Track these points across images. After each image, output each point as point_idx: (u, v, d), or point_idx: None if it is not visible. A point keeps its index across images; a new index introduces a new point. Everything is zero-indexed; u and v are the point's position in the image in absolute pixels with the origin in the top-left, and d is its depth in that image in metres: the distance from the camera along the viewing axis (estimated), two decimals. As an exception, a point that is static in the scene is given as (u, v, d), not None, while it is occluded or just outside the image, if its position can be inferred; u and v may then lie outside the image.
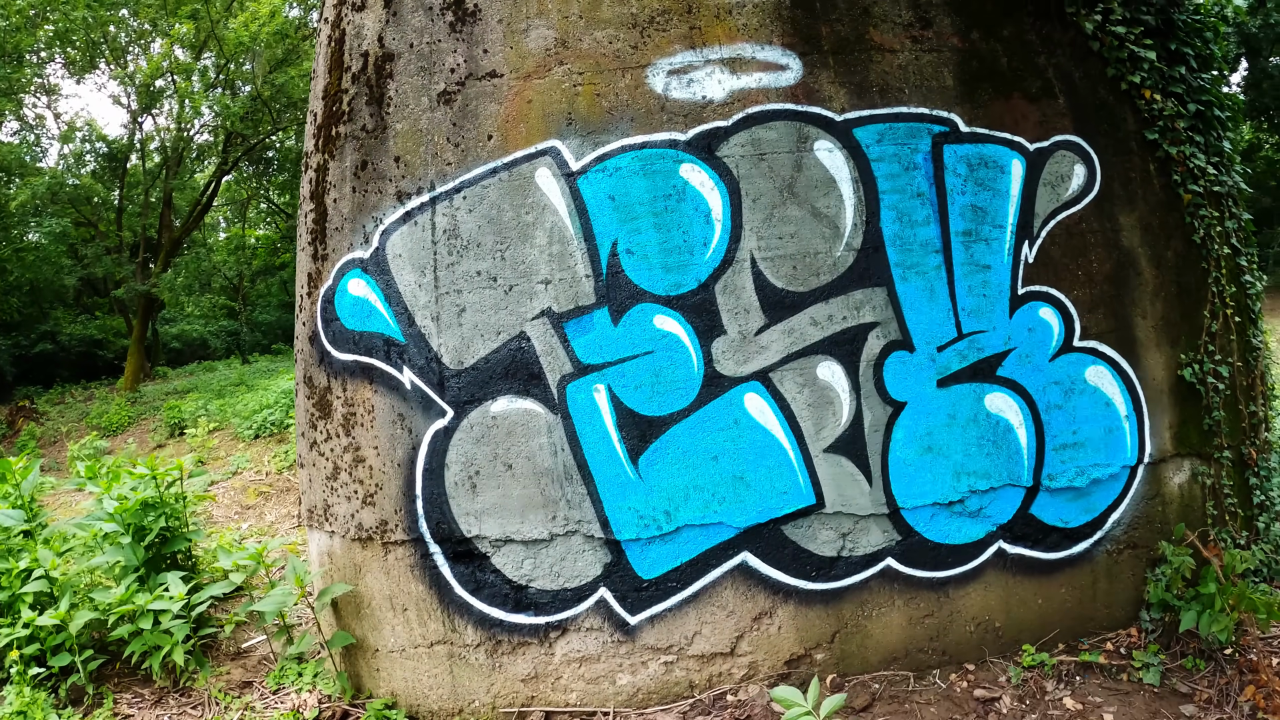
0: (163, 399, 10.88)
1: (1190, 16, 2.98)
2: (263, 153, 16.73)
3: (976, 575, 2.69)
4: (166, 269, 15.56)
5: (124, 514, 3.07)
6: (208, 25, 12.39)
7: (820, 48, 2.71)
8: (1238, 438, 2.93)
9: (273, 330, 21.52)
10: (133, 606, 2.80)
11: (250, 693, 2.89)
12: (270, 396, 7.25)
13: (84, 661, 2.83)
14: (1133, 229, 2.83)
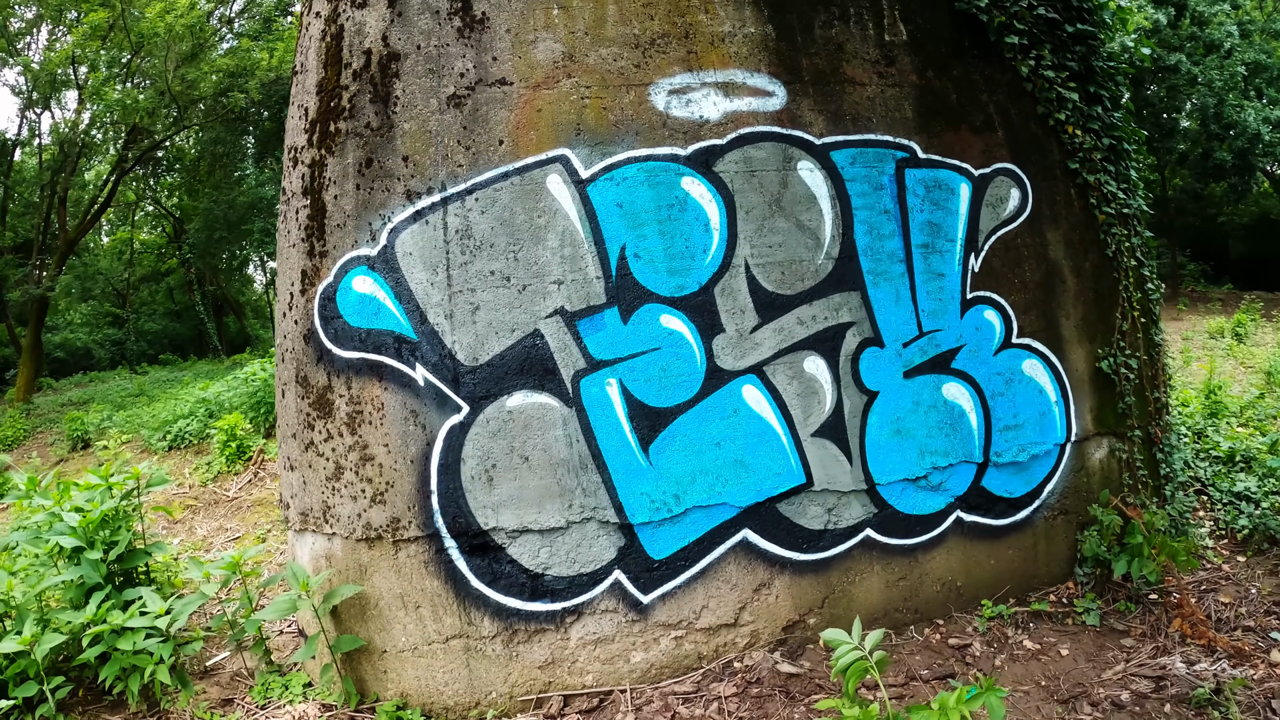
0: (59, 411, 10.11)
1: (1106, 63, 3.81)
2: (153, 152, 15.80)
3: (940, 541, 3.27)
4: (61, 271, 14.35)
5: (87, 527, 3.00)
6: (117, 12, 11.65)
7: (802, 78, 3.24)
8: (1145, 419, 3.73)
9: (159, 340, 20.46)
10: (108, 626, 2.76)
11: (234, 710, 2.91)
12: (184, 406, 6.94)
13: (54, 690, 2.74)
14: (1058, 244, 3.57)
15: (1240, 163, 15.51)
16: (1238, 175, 16.21)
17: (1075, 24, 3.74)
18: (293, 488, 3.06)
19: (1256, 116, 14.71)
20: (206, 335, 18.73)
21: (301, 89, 3.19)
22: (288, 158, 3.21)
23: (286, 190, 3.19)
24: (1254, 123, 14.60)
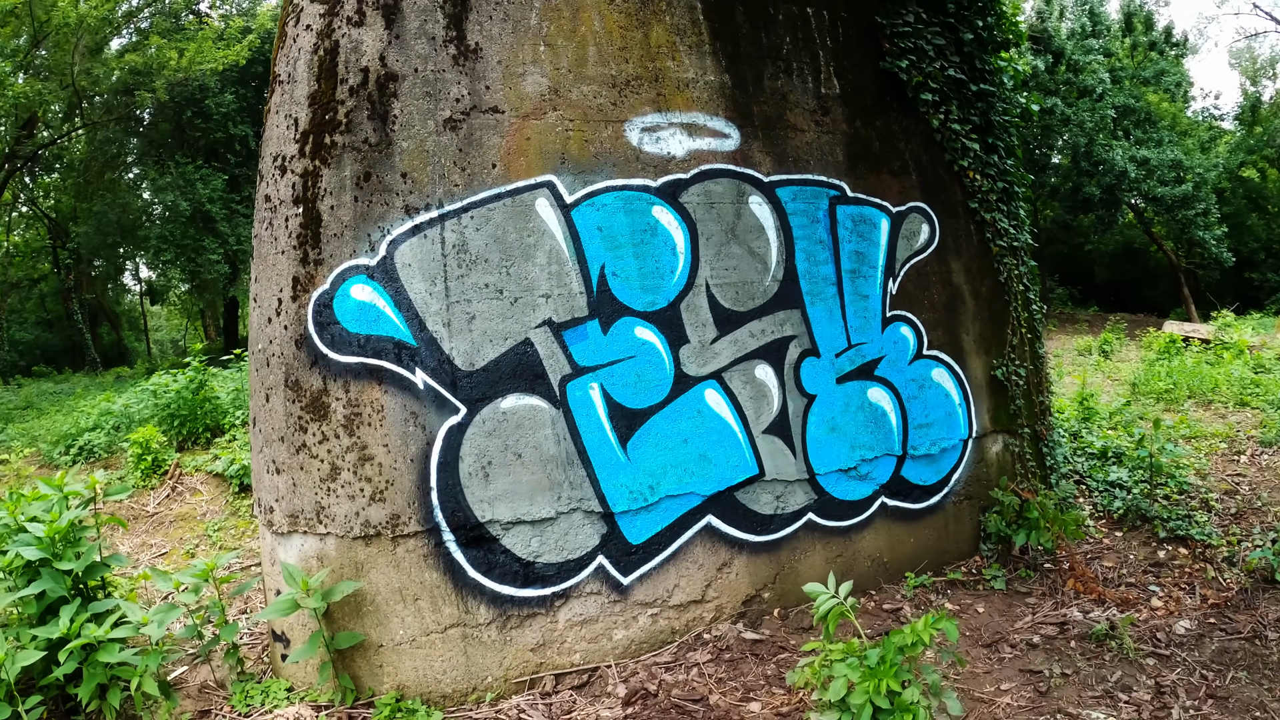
0: (-68, 425, 9.03)
1: (1002, 117, 4.91)
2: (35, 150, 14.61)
3: (868, 523, 4.09)
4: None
5: (54, 538, 3.09)
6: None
7: (753, 123, 4.01)
8: (1033, 419, 4.80)
9: (31, 350, 19.11)
10: (86, 639, 2.89)
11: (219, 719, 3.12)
12: (86, 419, 6.65)
13: (29, 710, 2.82)
14: (960, 271, 4.57)
15: (1108, 197, 18.63)
16: (1105, 208, 19.40)
17: (979, 84, 4.83)
18: (279, 491, 3.34)
19: (1124, 155, 17.81)
20: (84, 346, 17.15)
21: (289, 99, 3.51)
22: (272, 165, 3.51)
23: (271, 198, 3.48)
24: (1121, 160, 17.66)
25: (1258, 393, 8.14)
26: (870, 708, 2.28)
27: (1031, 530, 4.08)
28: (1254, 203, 22.87)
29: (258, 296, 3.53)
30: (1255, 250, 21.93)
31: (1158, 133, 18.73)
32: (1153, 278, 23.78)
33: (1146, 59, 19.97)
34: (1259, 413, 7.51)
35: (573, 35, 3.67)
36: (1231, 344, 11.20)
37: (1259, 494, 5.29)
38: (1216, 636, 3.37)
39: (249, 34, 14.88)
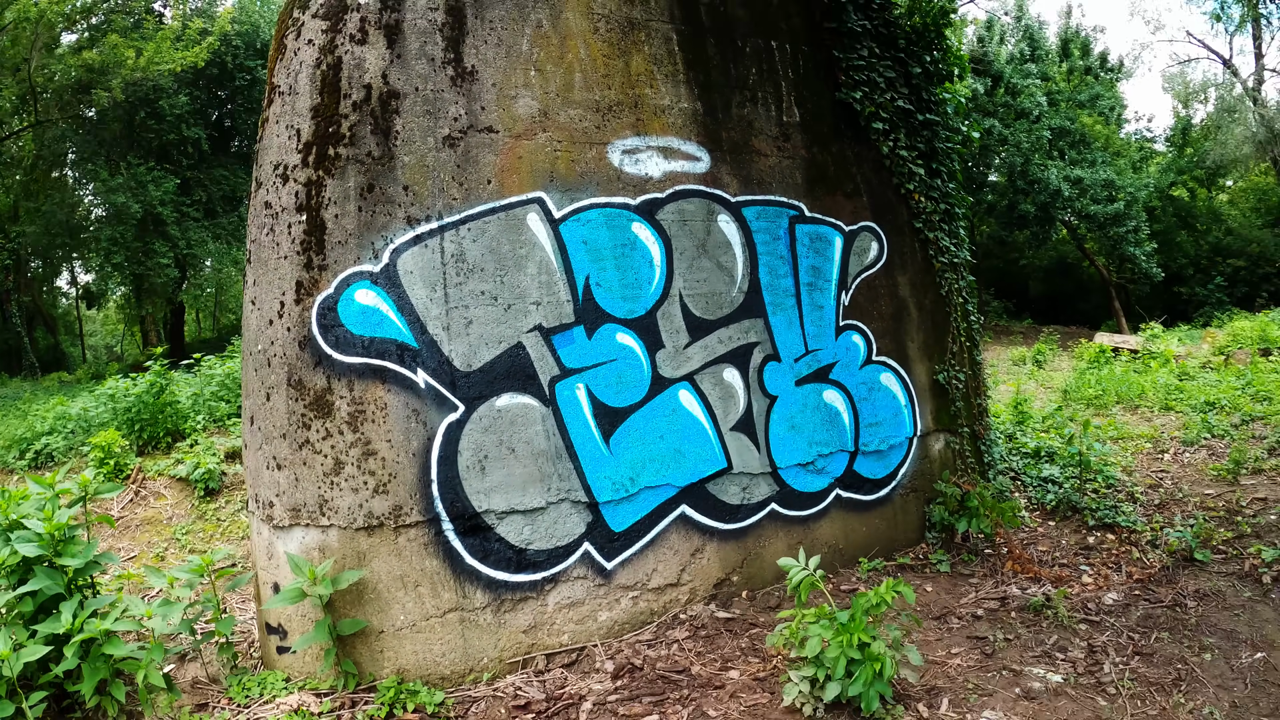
0: None
1: (946, 144, 5.65)
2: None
3: (825, 513, 4.69)
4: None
5: (54, 535, 3.32)
6: None
7: (721, 148, 4.59)
8: (971, 420, 5.52)
9: None
10: (91, 634, 3.13)
11: (217, 713, 3.39)
12: (42, 423, 6.65)
13: (32, 706, 3.02)
14: (906, 285, 5.26)
15: (1042, 214, 20.31)
16: (1039, 225, 21.11)
17: (925, 113, 5.56)
18: (279, 486, 3.66)
19: (1058, 175, 19.48)
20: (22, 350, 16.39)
21: (290, 110, 3.86)
22: (273, 173, 3.85)
23: (272, 204, 3.82)
24: (1055, 180, 19.31)
25: (1181, 398, 9.27)
26: (844, 660, 2.83)
27: (972, 518, 4.76)
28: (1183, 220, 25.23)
29: (256, 299, 3.85)
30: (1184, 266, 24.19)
31: (1091, 153, 20.56)
32: (1085, 291, 25.89)
33: (1083, 83, 21.89)
34: (1182, 416, 8.58)
35: (560, 61, 4.17)
36: (1158, 354, 12.55)
37: (1180, 487, 6.18)
38: (1141, 605, 4.06)
39: (207, 36, 14.94)
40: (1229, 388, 9.29)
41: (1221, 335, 13.93)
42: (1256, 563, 4.45)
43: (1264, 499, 5.64)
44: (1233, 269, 22.84)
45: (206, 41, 14.52)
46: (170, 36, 13.97)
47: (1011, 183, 20.12)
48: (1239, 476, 6.20)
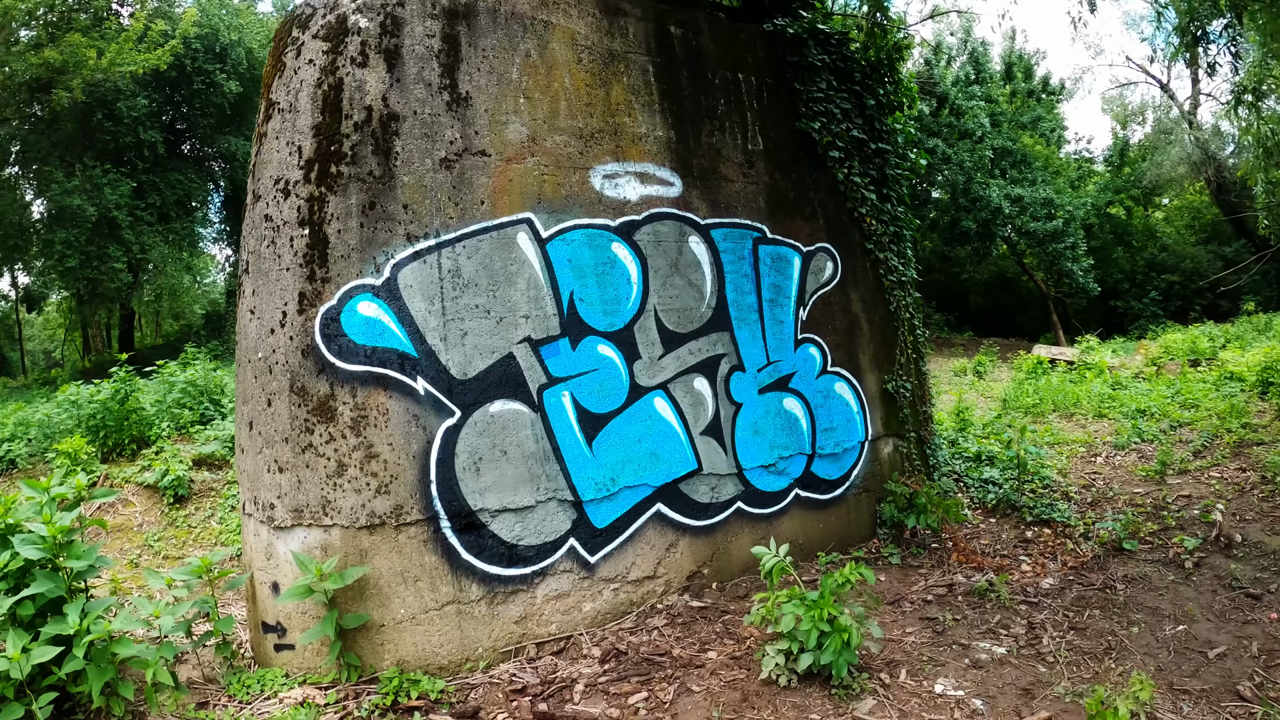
0: None
1: (895, 170, 6.40)
2: None
3: (786, 511, 5.31)
4: None
5: (57, 538, 3.57)
6: None
7: (692, 173, 5.19)
8: (918, 425, 6.25)
9: None
10: (99, 634, 3.40)
11: (218, 710, 3.70)
12: (4, 429, 6.64)
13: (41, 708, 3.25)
14: (858, 301, 5.97)
15: (983, 230, 21.88)
16: (980, 241, 22.71)
17: (877, 142, 6.31)
18: (281, 488, 4.02)
19: (999, 193, 21.05)
20: None
21: (291, 126, 4.25)
22: (273, 187, 4.22)
23: (273, 218, 4.19)
24: (997, 198, 20.87)
25: (1114, 406, 10.35)
26: (815, 632, 3.41)
27: (921, 514, 5.47)
28: (1119, 237, 27.44)
29: (255, 308, 4.21)
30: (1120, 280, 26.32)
31: (1032, 173, 22.30)
32: (1024, 305, 27.86)
33: (1025, 105, 23.73)
34: (1114, 422, 9.63)
35: (547, 90, 4.69)
36: (1093, 365, 13.82)
37: (1111, 486, 7.07)
38: (1075, 589, 4.78)
39: (170, 39, 15.04)
40: (1159, 396, 10.42)
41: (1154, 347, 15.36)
42: (1179, 551, 5.24)
43: (1188, 496, 6.55)
44: (1167, 284, 24.98)
45: (169, 44, 14.58)
46: (133, 38, 14.01)
47: (954, 200, 21.65)
48: (1165, 476, 7.14)
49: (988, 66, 22.89)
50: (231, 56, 17.35)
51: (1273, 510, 5.83)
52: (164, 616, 3.70)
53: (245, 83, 17.60)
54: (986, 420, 9.29)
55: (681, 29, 5.38)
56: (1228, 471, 7.00)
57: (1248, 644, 3.88)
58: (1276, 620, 4.14)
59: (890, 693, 3.50)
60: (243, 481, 4.30)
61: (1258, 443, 7.53)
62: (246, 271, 4.33)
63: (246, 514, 4.29)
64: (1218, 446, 7.79)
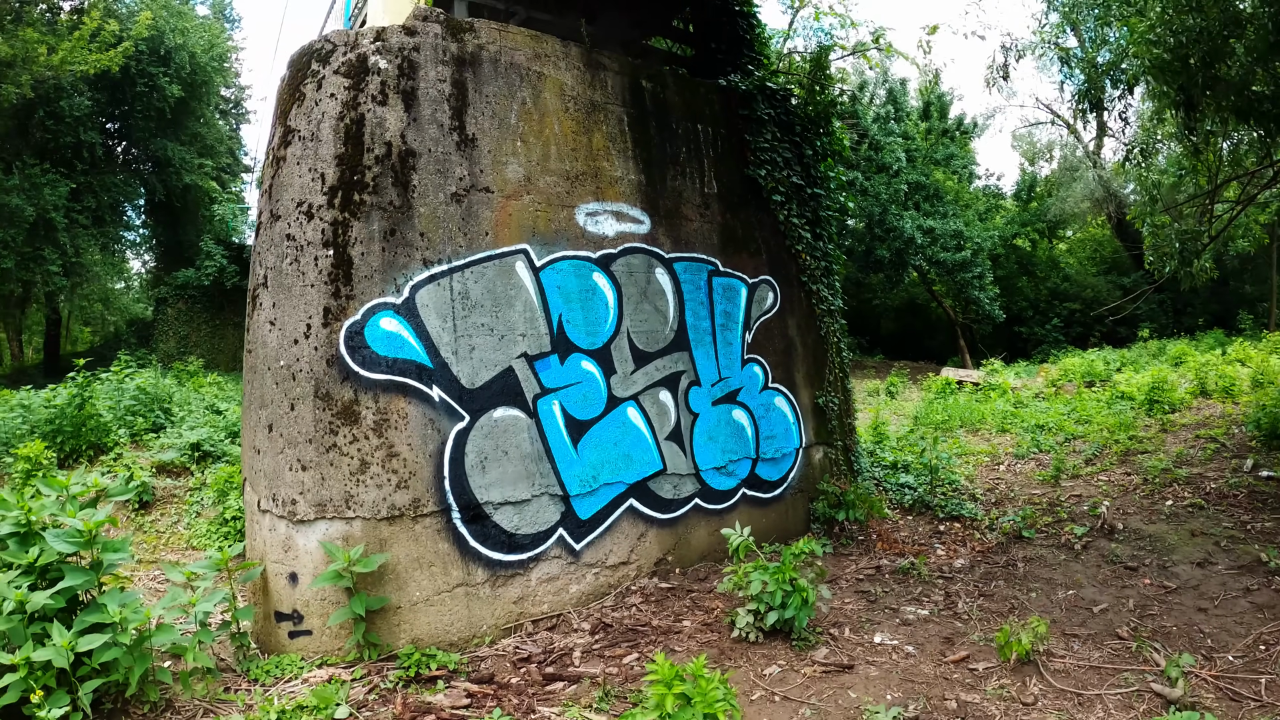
0: None
1: (827, 212, 7.88)
2: None
3: (735, 507, 6.56)
4: None
5: (87, 533, 4.21)
6: None
7: (659, 213, 6.42)
8: (843, 435, 7.69)
9: None
10: (139, 623, 4.08)
11: (244, 694, 4.43)
12: None
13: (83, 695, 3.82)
14: (794, 327, 7.36)
15: (896, 259, 24.51)
16: (893, 269, 25.37)
17: (813, 188, 7.76)
18: (304, 485, 4.84)
19: (912, 224, 23.69)
20: None
21: (313, 154, 5.12)
22: (296, 209, 5.06)
23: (296, 238, 5.03)
24: (910, 229, 23.48)
25: (1016, 422, 12.35)
26: (780, 593, 4.60)
27: (849, 509, 6.86)
28: (1024, 267, 31.07)
29: (277, 320, 5.03)
30: (1024, 308, 29.81)
31: (944, 206, 25.22)
32: (933, 330, 31.05)
33: (939, 142, 26.77)
34: (1016, 436, 11.57)
35: (540, 135, 5.79)
36: (998, 386, 16.09)
37: (1012, 489, 8.77)
38: (983, 566, 6.21)
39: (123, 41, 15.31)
40: (1056, 413, 12.52)
41: (1055, 370, 17.92)
42: (1070, 537, 6.80)
43: (1079, 495, 8.29)
44: (1069, 312, 28.52)
45: (122, 46, 14.76)
46: (86, 36, 14.10)
47: (870, 230, 24.20)
48: (1060, 480, 8.92)
49: (905, 104, 25.76)
50: (175, 60, 17.72)
51: (1150, 505, 7.61)
52: (201, 604, 4.43)
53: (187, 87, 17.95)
54: (901, 435, 11.01)
55: (651, 83, 6.64)
56: (1114, 475, 8.88)
57: (1125, 602, 5.35)
58: (1148, 585, 5.68)
59: (839, 644, 4.76)
60: (257, 481, 5.07)
61: (1141, 451, 9.52)
62: (265, 285, 5.14)
63: (262, 510, 5.06)
64: (1107, 455, 9.76)
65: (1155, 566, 5.98)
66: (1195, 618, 4.97)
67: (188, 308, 19.29)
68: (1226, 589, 5.39)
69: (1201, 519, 6.97)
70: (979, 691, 4.02)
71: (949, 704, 3.89)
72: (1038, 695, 3.96)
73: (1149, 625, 4.90)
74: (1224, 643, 4.57)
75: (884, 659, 4.52)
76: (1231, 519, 6.86)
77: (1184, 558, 6.10)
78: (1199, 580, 5.62)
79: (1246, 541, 6.25)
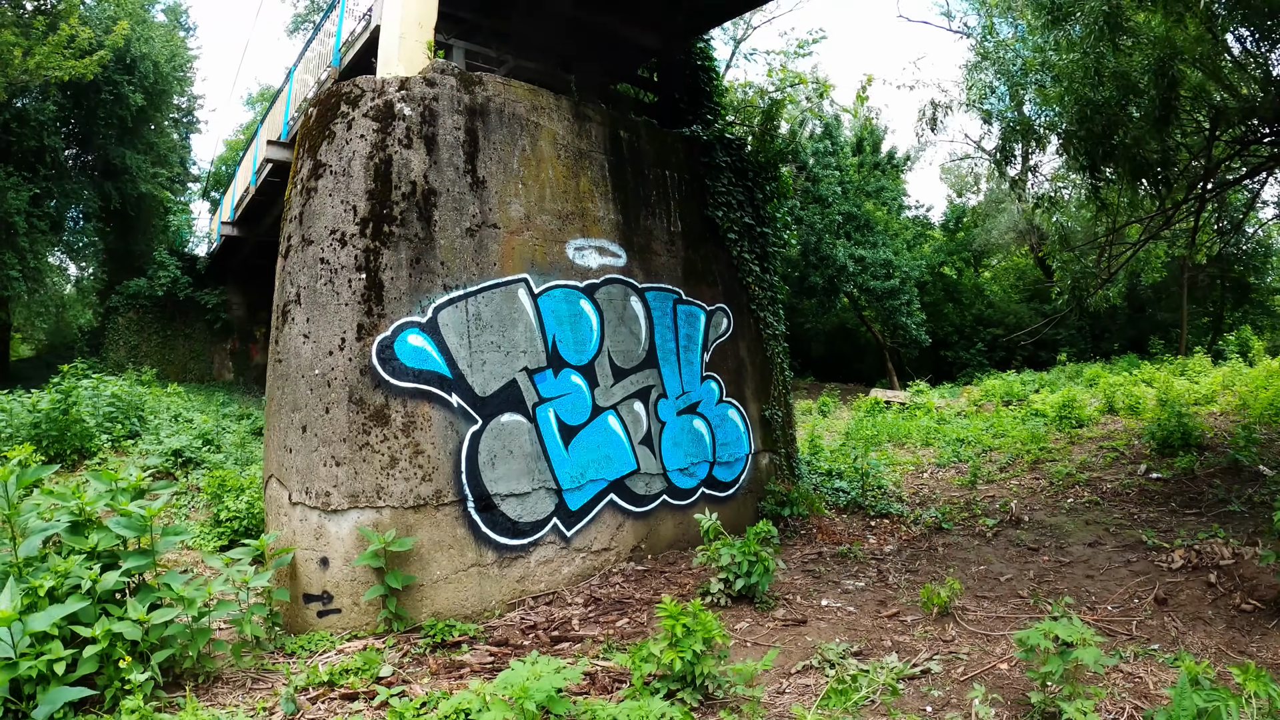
0: None
1: (774, 248, 9.36)
2: None
3: (695, 504, 7.84)
4: None
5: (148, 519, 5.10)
6: None
7: (634, 249, 7.73)
8: (786, 444, 9.11)
9: None
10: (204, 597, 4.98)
11: (286, 665, 5.39)
12: None
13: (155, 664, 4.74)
14: (745, 349, 8.77)
15: (829, 286, 26.65)
16: (825, 295, 27.54)
17: (762, 227, 9.22)
18: (338, 479, 5.84)
19: (845, 253, 25.86)
20: None
21: (344, 188, 6.17)
22: (330, 236, 6.09)
23: (330, 261, 6.06)
24: (842, 257, 25.62)
25: (939, 436, 14.13)
26: (745, 562, 5.89)
27: (793, 506, 8.25)
28: (950, 294, 33.88)
29: (310, 334, 6.03)
30: (950, 333, 32.50)
31: (874, 236, 27.58)
32: (862, 353, 33.51)
33: (872, 175, 29.25)
34: (938, 448, 13.30)
35: (537, 178, 7.02)
36: (923, 405, 18.03)
37: (934, 492, 10.37)
38: (909, 551, 7.65)
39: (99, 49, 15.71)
40: (976, 429, 14.37)
41: (977, 391, 20.04)
42: (982, 527, 8.35)
43: (993, 496, 9.92)
44: (992, 336, 31.27)
45: (98, 54, 14.96)
46: (63, 42, 14.32)
47: (805, 257, 26.31)
48: (976, 484, 10.58)
49: (839, 138, 28.12)
50: (140, 69, 18.16)
51: (1053, 502, 9.26)
52: (255, 579, 5.37)
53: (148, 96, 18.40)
54: (834, 448, 12.60)
55: (627, 133, 7.97)
56: (1024, 480, 10.60)
57: (1027, 573, 6.82)
58: (1047, 561, 7.17)
59: (793, 606, 6.07)
60: (288, 476, 6.03)
61: (1049, 460, 11.30)
62: (297, 302, 6.14)
63: (293, 503, 6.02)
64: (1018, 463, 11.54)
65: (1053, 547, 7.56)
66: (1084, 582, 6.50)
67: (138, 317, 19.41)
68: (1111, 562, 6.95)
69: (1096, 512, 8.64)
70: (908, 635, 5.39)
71: (885, 644, 5.24)
72: (955, 636, 5.35)
73: (1045, 588, 6.38)
74: (1105, 599, 6.06)
75: (831, 616, 5.87)
76: (1122, 511, 8.53)
77: (1078, 540, 7.70)
78: (1089, 556, 7.19)
79: (1133, 528, 7.85)
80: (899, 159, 31.82)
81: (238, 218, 16.74)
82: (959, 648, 5.08)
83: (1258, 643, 5.04)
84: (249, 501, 8.06)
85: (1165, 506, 8.48)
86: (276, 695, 4.67)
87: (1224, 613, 5.52)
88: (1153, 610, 5.68)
